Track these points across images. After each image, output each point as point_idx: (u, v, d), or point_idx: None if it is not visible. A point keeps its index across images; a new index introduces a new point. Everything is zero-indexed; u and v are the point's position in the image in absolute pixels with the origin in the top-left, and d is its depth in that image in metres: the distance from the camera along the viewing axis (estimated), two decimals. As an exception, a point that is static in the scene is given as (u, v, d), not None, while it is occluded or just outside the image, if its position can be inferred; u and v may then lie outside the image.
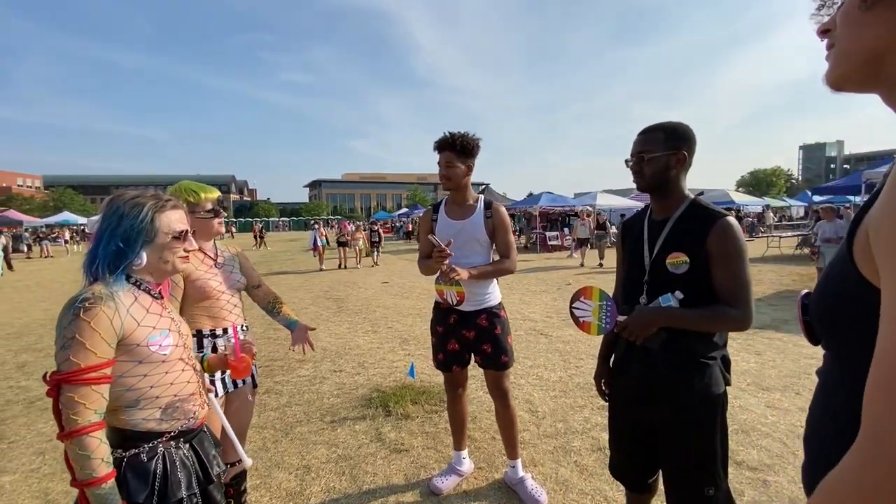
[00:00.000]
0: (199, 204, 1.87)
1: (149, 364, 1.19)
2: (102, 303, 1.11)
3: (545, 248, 18.30)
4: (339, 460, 2.79)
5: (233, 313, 1.95)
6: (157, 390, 1.21)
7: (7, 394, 4.03)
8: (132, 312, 1.17)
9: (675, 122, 1.51)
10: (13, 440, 3.15)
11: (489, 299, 2.37)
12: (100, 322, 1.09)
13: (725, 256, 1.39)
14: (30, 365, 4.85)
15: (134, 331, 1.16)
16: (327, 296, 8.97)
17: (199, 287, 1.84)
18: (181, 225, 1.30)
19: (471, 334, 2.35)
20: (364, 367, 4.53)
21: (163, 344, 1.22)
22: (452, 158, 2.28)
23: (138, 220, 1.20)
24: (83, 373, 1.07)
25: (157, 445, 1.22)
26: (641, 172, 1.53)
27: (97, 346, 1.08)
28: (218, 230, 1.95)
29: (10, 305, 8.61)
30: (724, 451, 1.49)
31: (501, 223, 2.36)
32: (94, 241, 1.21)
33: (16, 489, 2.58)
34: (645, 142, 1.51)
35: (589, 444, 2.90)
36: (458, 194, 2.38)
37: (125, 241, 1.18)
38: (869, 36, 0.55)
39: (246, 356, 1.54)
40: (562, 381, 4.01)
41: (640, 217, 1.68)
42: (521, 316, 6.59)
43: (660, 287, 1.49)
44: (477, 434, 3.06)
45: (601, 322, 1.54)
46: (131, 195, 1.24)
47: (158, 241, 1.24)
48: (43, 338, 5.94)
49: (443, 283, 2.33)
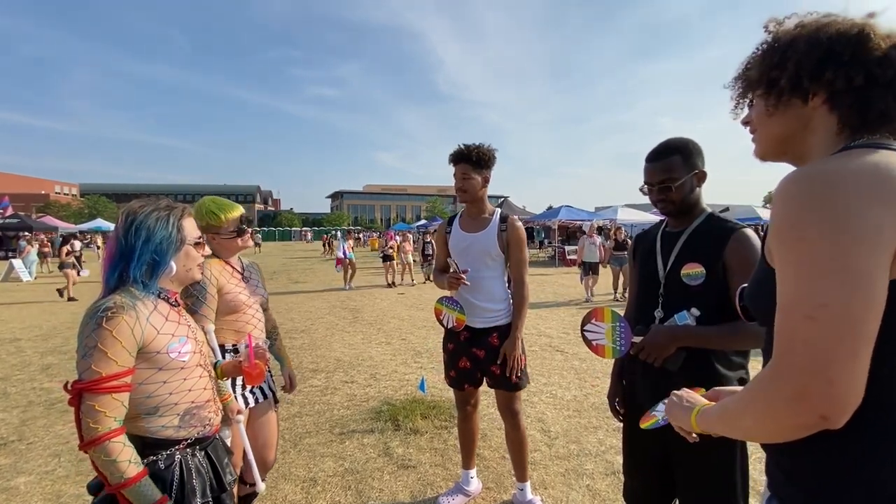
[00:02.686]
0: (221, 227, 1.85)
1: (168, 371, 1.21)
2: (124, 312, 1.12)
3: (564, 262, 18.07)
4: (346, 474, 2.76)
5: (257, 328, 1.95)
6: (176, 397, 1.23)
7: (30, 395, 4.15)
8: (152, 321, 1.18)
9: (681, 141, 1.47)
10: (31, 441, 3.23)
11: (501, 316, 2.30)
12: (121, 331, 1.11)
13: (744, 268, 1.33)
14: (54, 367, 4.99)
15: (154, 339, 1.18)
16: (344, 305, 9.02)
17: (229, 301, 1.84)
18: (197, 231, 1.35)
19: (481, 353, 2.29)
20: (376, 379, 4.51)
21: (181, 351, 1.23)
22: (468, 170, 2.24)
23: (168, 231, 1.23)
24: (104, 381, 1.08)
25: (175, 453, 1.23)
26: (669, 200, 1.48)
27: (118, 356, 1.10)
28: (244, 246, 1.94)
29: (40, 308, 8.93)
30: (745, 481, 1.40)
31: (516, 239, 2.28)
32: (116, 255, 1.21)
33: (30, 490, 2.62)
34: (665, 169, 1.46)
35: (603, 468, 2.80)
36: (473, 207, 2.33)
37: (158, 252, 1.21)
38: (775, 130, 0.85)
39: (259, 362, 1.54)
40: (576, 401, 3.90)
41: (654, 229, 1.64)
42: (537, 331, 6.48)
43: (675, 300, 1.43)
44: (486, 452, 2.99)
45: (615, 344, 1.48)
46: (150, 207, 1.24)
47: (184, 249, 1.28)
48: (69, 340, 6.12)
49: (445, 304, 2.30)
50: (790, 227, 0.66)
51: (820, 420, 0.60)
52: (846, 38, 0.74)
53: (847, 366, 0.59)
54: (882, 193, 0.62)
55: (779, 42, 0.80)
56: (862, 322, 0.59)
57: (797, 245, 0.64)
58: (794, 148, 0.84)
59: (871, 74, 0.72)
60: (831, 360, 0.59)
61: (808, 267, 0.63)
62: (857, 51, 0.73)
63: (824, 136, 0.79)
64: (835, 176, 0.65)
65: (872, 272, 0.60)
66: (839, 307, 0.59)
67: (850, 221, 0.61)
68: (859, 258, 0.60)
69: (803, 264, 0.63)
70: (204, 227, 1.84)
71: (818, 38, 0.75)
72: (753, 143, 0.91)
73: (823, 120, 0.78)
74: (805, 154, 0.83)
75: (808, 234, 0.63)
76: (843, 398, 0.59)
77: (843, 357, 0.59)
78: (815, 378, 0.59)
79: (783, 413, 0.62)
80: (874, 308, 0.60)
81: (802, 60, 0.76)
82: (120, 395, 1.11)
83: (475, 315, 2.29)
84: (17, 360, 5.30)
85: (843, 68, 0.73)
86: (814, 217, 0.63)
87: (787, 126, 0.82)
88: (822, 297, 0.60)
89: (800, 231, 0.64)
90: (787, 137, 0.84)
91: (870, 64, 0.72)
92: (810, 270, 0.62)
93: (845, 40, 0.74)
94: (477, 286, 2.27)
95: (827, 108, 0.77)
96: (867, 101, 0.73)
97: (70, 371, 4.78)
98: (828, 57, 0.74)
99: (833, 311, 0.59)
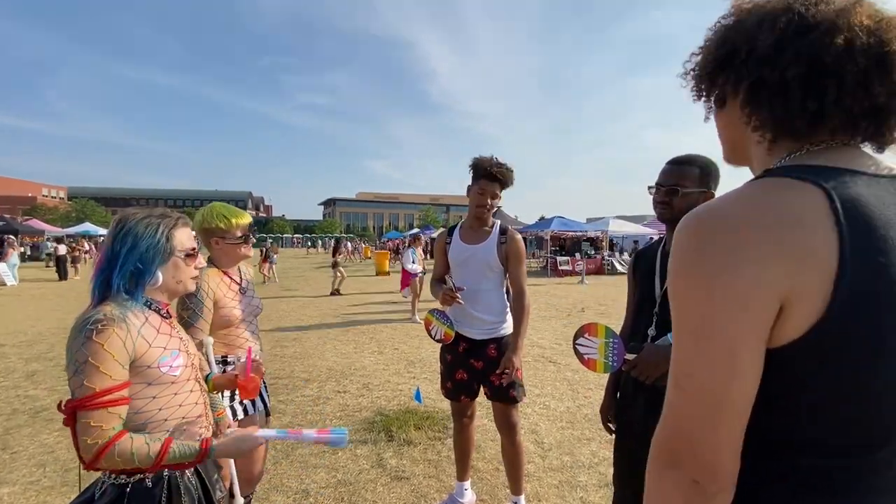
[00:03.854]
0: (229, 231, 1.85)
1: (158, 385, 1.17)
2: (114, 324, 1.08)
3: (556, 273, 18.16)
4: (339, 485, 2.73)
5: (249, 341, 1.93)
6: (166, 412, 1.19)
7: (14, 402, 4.05)
8: (143, 333, 1.15)
9: (706, 159, 1.51)
10: (16, 450, 3.15)
11: (500, 328, 2.31)
12: (112, 344, 1.07)
13: None
14: (39, 374, 4.88)
15: (146, 352, 1.14)
16: (335, 314, 8.97)
17: (223, 315, 1.83)
18: (191, 242, 1.30)
19: (479, 364, 2.29)
20: (368, 389, 4.48)
21: (173, 365, 1.20)
22: (497, 190, 2.23)
23: (155, 240, 1.18)
24: (98, 397, 1.04)
25: (162, 471, 1.19)
26: (670, 204, 1.51)
27: (111, 369, 1.06)
28: (245, 255, 1.94)
29: (24, 314, 8.75)
30: None
31: (516, 252, 2.28)
32: (103, 262, 1.18)
33: (14, 501, 2.56)
34: (681, 175, 1.50)
35: (596, 480, 2.80)
36: (476, 220, 2.33)
37: (143, 261, 1.17)
38: (722, 131, 0.75)
39: (255, 376, 1.53)
40: (569, 412, 3.91)
41: (654, 248, 1.67)
42: (530, 342, 6.49)
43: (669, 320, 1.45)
44: (481, 464, 2.98)
45: (608, 360, 1.49)
46: (142, 214, 1.22)
47: (173, 260, 1.23)
48: (54, 347, 6.01)
49: (436, 317, 2.30)
50: (672, 274, 0.62)
51: (693, 485, 0.58)
52: (754, 33, 0.63)
53: (709, 436, 0.57)
54: (763, 246, 0.54)
55: (712, 37, 0.71)
56: (724, 395, 0.56)
57: (674, 304, 0.62)
58: (742, 154, 0.75)
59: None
60: (696, 429, 0.58)
61: (679, 327, 0.61)
62: (758, 36, 0.62)
63: (757, 146, 0.70)
64: (711, 225, 0.59)
65: (738, 342, 0.55)
66: (705, 379, 0.57)
67: (720, 284, 0.55)
68: (726, 328, 0.55)
69: (677, 327, 0.61)
70: (211, 231, 1.83)
71: (747, 20, 0.65)
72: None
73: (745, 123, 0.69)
74: (752, 164, 0.74)
75: (679, 295, 0.61)
76: (710, 464, 0.57)
77: (709, 427, 0.57)
78: (681, 445, 0.59)
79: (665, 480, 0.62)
80: (740, 379, 0.56)
81: (711, 45, 0.68)
82: (116, 408, 1.07)
83: (474, 326, 2.29)
84: (1, 366, 5.18)
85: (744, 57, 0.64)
86: (688, 272, 0.60)
87: (730, 128, 0.73)
88: (687, 365, 0.59)
89: (674, 288, 0.62)
90: (734, 142, 0.75)
91: (768, 61, 0.61)
92: (680, 333, 0.61)
93: (758, 22, 0.63)
94: (476, 298, 2.27)
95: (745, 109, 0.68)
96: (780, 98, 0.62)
97: (56, 378, 4.68)
98: (728, 56, 0.66)
99: (698, 383, 0.58)
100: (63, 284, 14.33)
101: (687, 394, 0.59)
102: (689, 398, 0.59)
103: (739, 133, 0.71)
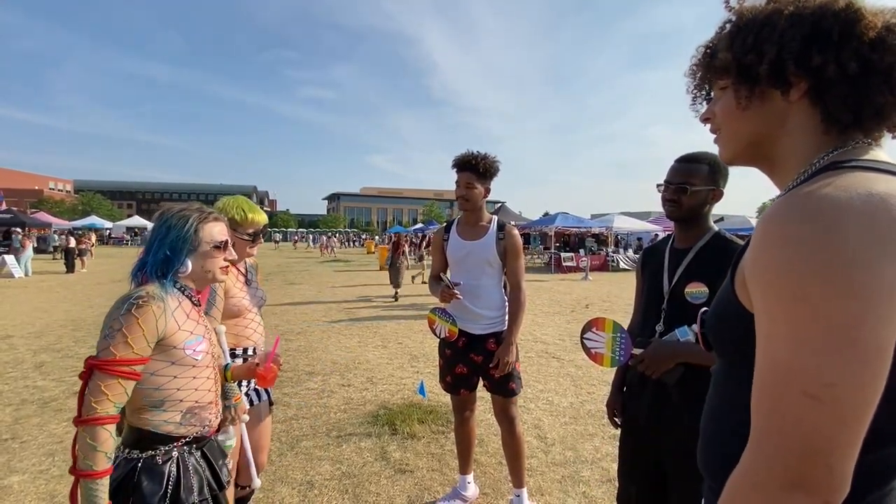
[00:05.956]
0: (242, 224, 1.86)
1: (180, 366, 1.25)
2: (154, 302, 1.18)
3: (560, 269, 18.14)
4: (343, 478, 2.76)
5: (256, 332, 1.96)
6: (182, 394, 1.26)
7: (23, 393, 4.11)
8: (176, 315, 1.24)
9: (714, 156, 1.50)
10: (25, 440, 3.20)
11: (499, 323, 2.33)
12: (147, 320, 1.16)
13: None
14: (47, 365, 4.94)
15: (174, 333, 1.22)
16: (340, 308, 9.01)
17: (232, 305, 1.86)
18: (222, 236, 1.37)
19: (479, 358, 2.31)
20: (372, 383, 4.51)
21: (196, 349, 1.27)
22: (473, 179, 2.25)
23: (183, 231, 1.28)
24: (115, 364, 1.12)
25: (172, 449, 1.26)
26: (679, 202, 1.50)
27: (137, 342, 1.14)
28: (250, 253, 1.96)
29: (32, 306, 8.84)
30: None
31: (513, 248, 2.30)
32: (144, 249, 1.30)
33: (23, 489, 2.60)
34: (690, 173, 1.49)
35: (598, 475, 2.81)
36: (471, 215, 2.35)
37: (172, 249, 1.26)
38: (746, 129, 0.71)
39: (274, 366, 1.60)
40: (573, 408, 3.92)
41: (662, 245, 1.67)
42: (533, 338, 6.50)
43: (677, 316, 1.46)
44: (483, 458, 3.00)
45: (615, 354, 1.50)
46: (179, 208, 1.33)
47: (201, 250, 1.32)
48: (62, 338, 6.07)
49: (438, 315, 2.31)
50: (781, 277, 0.54)
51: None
52: (832, 13, 0.61)
53: (848, 453, 0.51)
54: (894, 241, 0.50)
55: (750, 20, 0.66)
56: (870, 406, 0.50)
57: (794, 306, 0.53)
58: (766, 151, 0.72)
59: (866, 59, 0.59)
60: (834, 446, 0.50)
61: (810, 335, 0.51)
62: (848, 30, 0.60)
63: (803, 139, 0.67)
64: (839, 216, 0.52)
65: (885, 346, 0.50)
66: (849, 389, 0.50)
67: (862, 281, 0.49)
68: (874, 330, 0.49)
69: (804, 330, 0.52)
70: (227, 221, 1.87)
71: (800, 13, 0.62)
72: (716, 143, 0.78)
73: (803, 117, 0.66)
74: (779, 160, 0.71)
75: (809, 294, 0.51)
76: (842, 486, 0.51)
77: (846, 444, 0.50)
78: (815, 465, 0.51)
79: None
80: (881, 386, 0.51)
81: (785, 41, 0.62)
82: (127, 381, 1.14)
83: (473, 321, 2.31)
84: (10, 357, 5.24)
85: (833, 51, 0.60)
86: (814, 271, 0.51)
87: (762, 124, 0.69)
88: (829, 375, 0.50)
89: (797, 287, 0.52)
90: (760, 139, 0.71)
91: (863, 46, 0.59)
92: (814, 341, 0.51)
93: (832, 16, 0.61)
94: (475, 293, 2.29)
95: (808, 103, 0.65)
96: (863, 93, 0.61)
97: (63, 369, 4.74)
98: (813, 37, 0.61)
99: (840, 393, 0.50)
100: (70, 277, 14.45)
101: (826, 407, 0.50)
102: (830, 412, 0.50)
103: (774, 128, 0.69)
